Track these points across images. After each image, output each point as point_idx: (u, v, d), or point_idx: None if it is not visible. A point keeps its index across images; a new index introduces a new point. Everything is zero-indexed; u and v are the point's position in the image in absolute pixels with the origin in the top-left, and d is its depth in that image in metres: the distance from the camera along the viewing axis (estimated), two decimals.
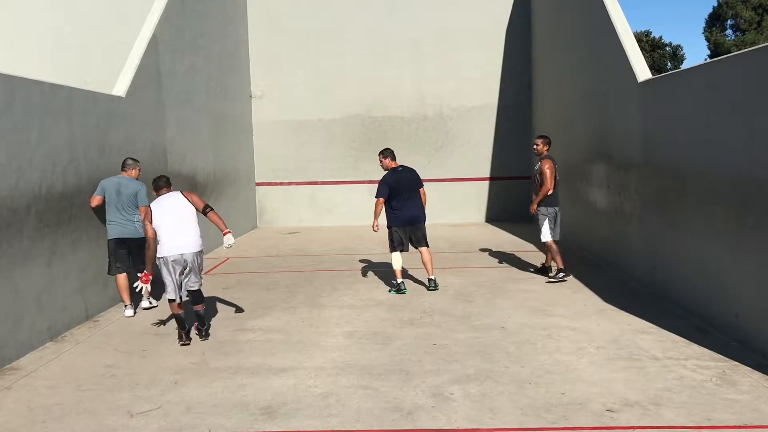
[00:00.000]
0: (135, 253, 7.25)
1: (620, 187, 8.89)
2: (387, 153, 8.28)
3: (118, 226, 7.20)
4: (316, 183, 15.80)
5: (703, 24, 36.00)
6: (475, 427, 4.26)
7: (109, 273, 7.34)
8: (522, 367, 5.31)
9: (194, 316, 6.45)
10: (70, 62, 12.72)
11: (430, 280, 8.23)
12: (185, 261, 6.18)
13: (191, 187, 10.82)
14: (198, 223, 6.34)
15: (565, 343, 5.93)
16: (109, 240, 7.26)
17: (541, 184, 8.49)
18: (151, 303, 7.56)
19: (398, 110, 15.69)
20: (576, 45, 11.38)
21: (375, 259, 10.48)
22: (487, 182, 15.69)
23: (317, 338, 6.30)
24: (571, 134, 11.48)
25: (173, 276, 6.16)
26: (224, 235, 6.39)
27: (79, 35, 13.02)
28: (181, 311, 6.23)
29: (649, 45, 34.45)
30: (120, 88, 8.48)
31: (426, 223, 8.32)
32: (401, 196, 8.03)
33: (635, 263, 8.38)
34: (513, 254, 10.66)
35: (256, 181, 15.71)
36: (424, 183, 8.35)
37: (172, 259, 6.12)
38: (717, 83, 6.23)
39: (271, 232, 14.83)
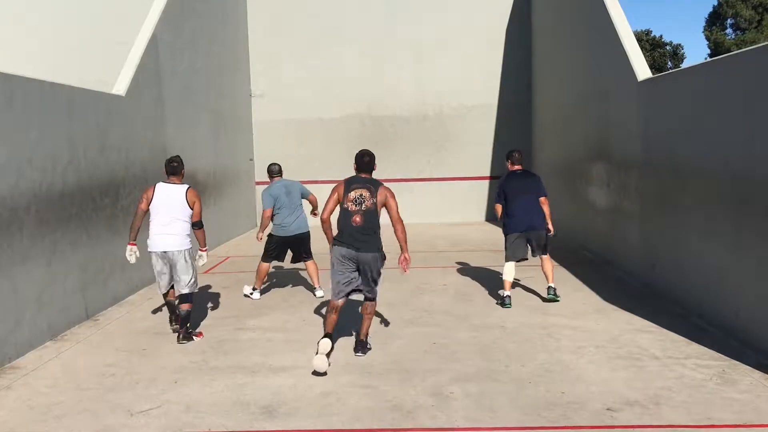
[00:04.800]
0: (297, 246, 7.96)
1: (620, 186, 8.90)
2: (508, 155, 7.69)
3: (296, 223, 7.87)
4: (316, 182, 15.74)
5: (703, 23, 36.00)
6: (475, 426, 4.26)
7: (263, 260, 7.96)
8: (522, 366, 5.31)
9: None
10: (70, 62, 12.72)
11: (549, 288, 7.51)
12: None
13: (191, 185, 10.78)
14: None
15: (564, 342, 5.94)
16: (280, 236, 7.87)
17: None
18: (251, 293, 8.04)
19: (398, 110, 15.69)
20: (576, 45, 11.38)
21: None
22: (487, 181, 15.69)
23: (317, 337, 6.27)
24: (571, 133, 11.48)
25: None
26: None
27: (79, 35, 13.01)
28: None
29: (650, 44, 34.46)
30: (120, 87, 8.48)
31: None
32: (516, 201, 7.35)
33: (635, 262, 8.38)
34: None
35: (256, 180, 15.70)
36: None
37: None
38: (717, 82, 6.24)
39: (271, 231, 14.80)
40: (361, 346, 5.84)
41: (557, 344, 5.87)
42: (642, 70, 8.24)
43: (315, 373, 5.19)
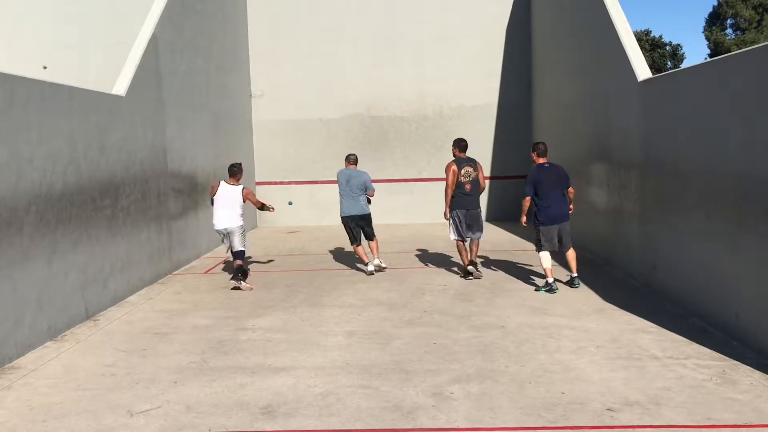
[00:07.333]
0: (358, 225, 9.34)
1: (620, 187, 8.90)
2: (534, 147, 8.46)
3: (346, 207, 9.28)
4: (315, 182, 15.78)
5: (703, 23, 35.98)
6: (475, 426, 4.27)
7: (352, 244, 9.41)
8: (522, 367, 5.31)
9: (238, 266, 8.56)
10: (70, 62, 12.71)
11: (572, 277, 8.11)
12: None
13: (191, 185, 10.83)
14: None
15: (565, 342, 5.94)
16: (342, 217, 9.36)
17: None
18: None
19: (398, 110, 15.68)
20: (576, 45, 11.38)
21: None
22: (486, 182, 15.65)
23: (317, 338, 6.30)
24: (571, 134, 11.48)
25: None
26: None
27: (79, 35, 13.01)
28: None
29: (649, 44, 34.41)
30: (120, 87, 8.48)
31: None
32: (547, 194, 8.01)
33: (635, 262, 8.38)
34: (513, 253, 10.65)
35: (256, 181, 15.70)
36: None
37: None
38: (717, 82, 6.24)
39: (271, 231, 14.83)
40: (474, 265, 8.72)
41: (557, 344, 5.88)
42: (642, 70, 8.24)
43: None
